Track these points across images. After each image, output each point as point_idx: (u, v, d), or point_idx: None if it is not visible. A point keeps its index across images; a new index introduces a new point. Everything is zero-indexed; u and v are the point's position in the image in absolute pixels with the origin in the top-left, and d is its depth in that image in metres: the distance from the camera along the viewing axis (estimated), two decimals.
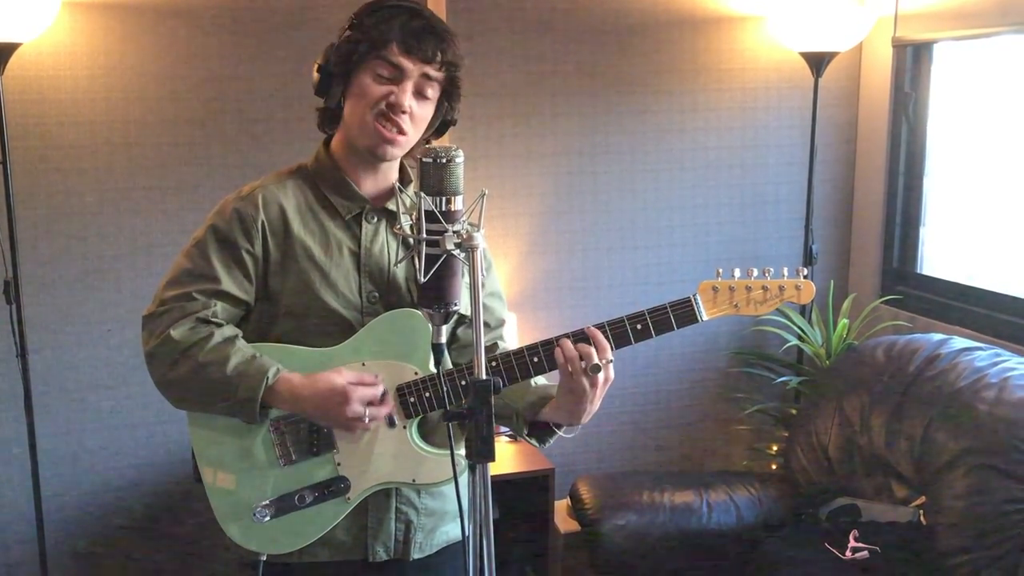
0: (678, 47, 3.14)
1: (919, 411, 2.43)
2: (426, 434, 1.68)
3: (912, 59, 3.10)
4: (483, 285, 1.71)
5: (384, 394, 1.61)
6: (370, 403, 1.58)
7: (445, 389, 1.61)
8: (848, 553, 2.35)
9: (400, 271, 1.70)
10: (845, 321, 3.14)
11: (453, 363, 1.71)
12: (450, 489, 1.70)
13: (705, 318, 1.63)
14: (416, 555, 1.71)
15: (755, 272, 1.66)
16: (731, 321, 3.33)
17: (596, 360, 1.55)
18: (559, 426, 1.68)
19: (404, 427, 1.64)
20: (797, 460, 2.72)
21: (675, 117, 3.19)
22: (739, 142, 3.26)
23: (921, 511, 2.35)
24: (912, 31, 2.97)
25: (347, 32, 1.64)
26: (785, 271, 1.68)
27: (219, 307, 1.63)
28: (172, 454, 2.95)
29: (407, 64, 1.61)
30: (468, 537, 1.38)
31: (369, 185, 1.70)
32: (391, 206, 1.71)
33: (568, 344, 1.57)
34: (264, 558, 1.66)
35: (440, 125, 1.73)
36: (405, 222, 1.60)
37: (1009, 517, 2.15)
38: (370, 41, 1.61)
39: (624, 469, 3.30)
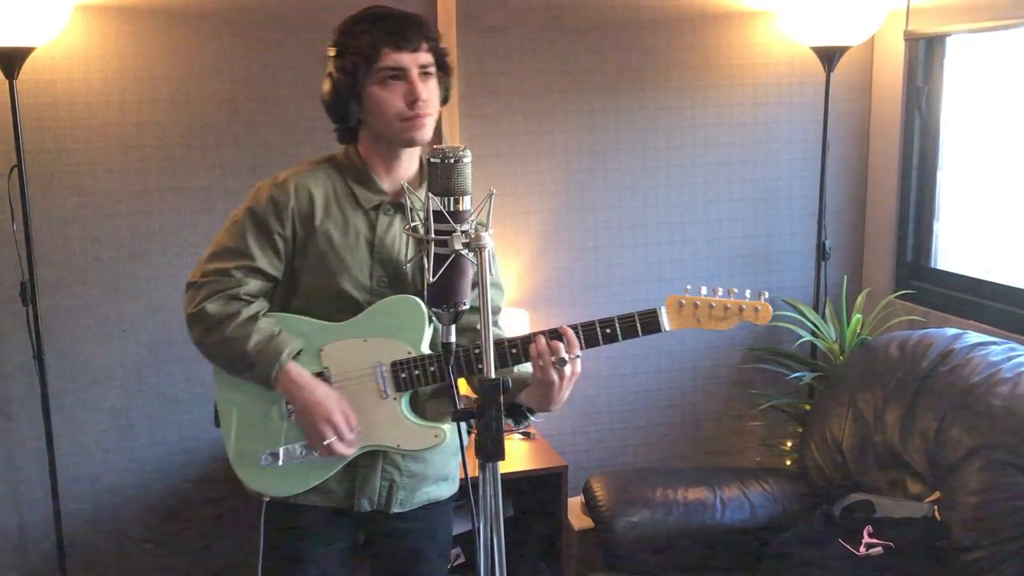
0: (688, 43, 3.13)
1: (933, 406, 2.42)
2: (416, 406, 1.87)
3: (924, 52, 3.08)
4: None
5: (351, 442, 1.82)
6: (339, 437, 1.80)
7: (432, 369, 1.81)
8: (862, 549, 2.34)
9: (408, 260, 1.88)
10: (859, 316, 3.12)
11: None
12: (432, 455, 1.93)
13: (668, 329, 1.78)
14: (396, 509, 1.94)
15: (720, 291, 1.79)
16: None
17: (563, 355, 1.71)
18: (531, 411, 1.86)
19: (395, 399, 1.84)
20: (811, 456, 2.72)
21: (686, 113, 3.18)
22: (751, 137, 3.25)
23: (936, 507, 2.34)
24: (924, 24, 2.95)
25: (337, 61, 1.81)
26: (748, 293, 1.80)
27: (251, 283, 1.84)
28: (188, 452, 2.97)
29: (404, 60, 1.78)
30: (479, 534, 1.40)
31: (390, 179, 1.89)
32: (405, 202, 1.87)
33: (541, 340, 1.73)
34: (267, 499, 1.89)
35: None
36: (417, 220, 1.76)
37: None
38: (363, 57, 1.78)
39: (637, 466, 3.30)
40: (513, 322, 2.88)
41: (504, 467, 1.40)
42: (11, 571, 2.89)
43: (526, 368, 1.82)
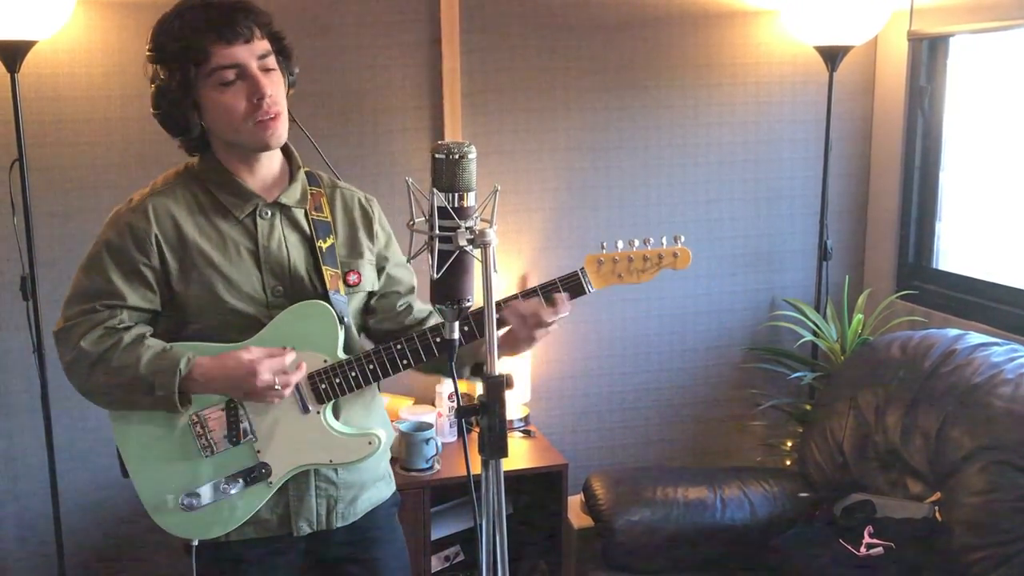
0: (692, 41, 3.13)
1: (934, 407, 2.42)
2: (339, 414, 1.76)
3: (928, 53, 3.08)
4: (407, 262, 1.77)
5: (296, 362, 1.66)
6: (282, 372, 1.64)
7: (354, 374, 1.69)
8: (863, 549, 2.34)
9: (300, 263, 1.74)
10: (860, 316, 3.12)
11: (374, 332, 1.84)
12: (368, 459, 1.77)
13: (593, 290, 1.74)
14: (339, 524, 1.80)
15: (636, 243, 1.75)
16: (745, 316, 3.32)
17: (546, 317, 1.68)
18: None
19: (318, 412, 1.72)
20: (811, 456, 2.71)
21: (689, 112, 3.18)
22: (753, 137, 3.25)
23: (937, 507, 2.34)
24: (928, 24, 2.95)
25: (162, 67, 1.62)
26: (664, 240, 1.76)
27: (125, 314, 1.68)
28: None
29: (239, 55, 1.59)
30: (482, 531, 1.39)
31: (256, 180, 1.72)
32: (283, 199, 1.74)
33: (521, 304, 1.69)
34: (195, 543, 1.73)
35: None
36: (307, 215, 1.72)
37: None
38: (192, 60, 1.58)
39: (637, 465, 3.30)
40: None
41: (504, 465, 1.39)
42: (10, 568, 2.89)
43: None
